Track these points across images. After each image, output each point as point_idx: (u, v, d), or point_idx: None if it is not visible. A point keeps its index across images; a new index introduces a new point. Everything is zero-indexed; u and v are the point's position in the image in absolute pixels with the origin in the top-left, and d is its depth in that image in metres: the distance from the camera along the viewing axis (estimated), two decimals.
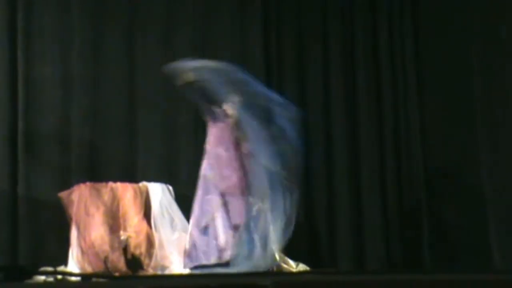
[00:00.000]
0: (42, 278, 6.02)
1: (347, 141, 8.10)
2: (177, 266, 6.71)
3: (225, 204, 6.47)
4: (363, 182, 8.02)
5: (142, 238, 6.80)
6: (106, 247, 6.72)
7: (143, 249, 6.80)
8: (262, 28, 8.09)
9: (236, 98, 6.57)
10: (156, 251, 6.78)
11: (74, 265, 6.72)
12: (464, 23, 7.62)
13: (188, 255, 6.47)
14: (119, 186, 6.94)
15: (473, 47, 7.53)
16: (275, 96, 6.76)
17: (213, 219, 6.46)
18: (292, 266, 6.66)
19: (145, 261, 6.78)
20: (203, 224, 6.46)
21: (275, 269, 6.48)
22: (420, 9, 8.22)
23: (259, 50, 8.05)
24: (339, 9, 8.29)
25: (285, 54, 8.17)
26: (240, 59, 7.96)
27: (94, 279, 6.02)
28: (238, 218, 6.44)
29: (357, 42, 8.26)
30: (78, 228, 6.76)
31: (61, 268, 6.78)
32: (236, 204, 6.46)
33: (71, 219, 6.81)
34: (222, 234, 6.40)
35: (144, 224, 6.86)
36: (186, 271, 6.52)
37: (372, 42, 8.27)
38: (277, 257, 6.47)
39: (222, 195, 6.48)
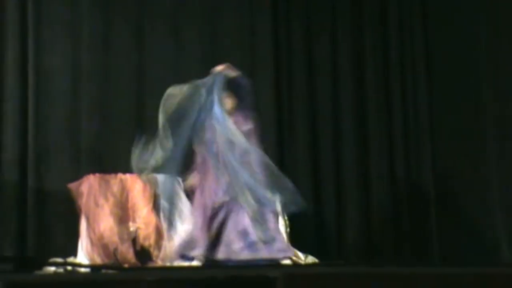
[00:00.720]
0: (51, 269, 6.01)
1: (355, 137, 8.09)
2: None
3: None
4: (371, 175, 8.02)
5: (151, 229, 6.82)
6: (115, 238, 6.74)
7: (152, 240, 6.81)
8: (271, 21, 8.09)
9: None
10: (165, 242, 6.78)
11: (83, 256, 6.74)
12: (473, 22, 7.62)
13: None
14: (128, 177, 6.95)
15: (482, 45, 7.53)
16: None
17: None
18: (301, 258, 6.67)
19: (154, 252, 6.79)
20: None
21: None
22: (429, 6, 8.18)
23: (268, 44, 8.05)
24: (348, 5, 8.27)
25: (295, 47, 8.15)
26: (248, 52, 7.98)
27: (103, 270, 6.02)
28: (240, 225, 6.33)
29: (366, 38, 8.24)
30: (88, 220, 6.78)
31: (70, 259, 6.81)
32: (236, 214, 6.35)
33: (80, 210, 6.83)
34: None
35: (153, 215, 6.87)
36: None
37: (382, 40, 8.25)
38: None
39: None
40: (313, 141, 8.02)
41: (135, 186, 6.89)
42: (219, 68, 6.33)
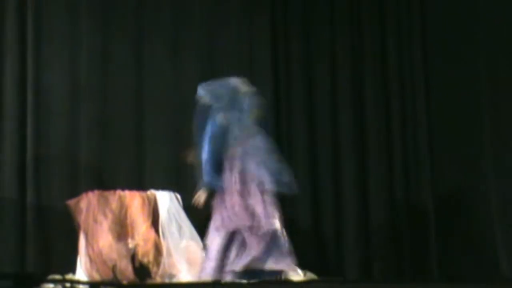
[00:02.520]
0: (50, 286, 6.03)
1: (354, 150, 8.10)
2: (184, 274, 6.71)
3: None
4: (371, 191, 8.02)
5: (150, 246, 6.80)
6: (114, 255, 6.73)
7: (151, 257, 6.80)
8: (269, 36, 8.11)
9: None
10: (164, 259, 6.78)
11: (82, 273, 6.73)
12: (472, 35, 7.65)
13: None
14: (127, 194, 6.95)
15: (481, 58, 7.55)
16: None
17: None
18: (300, 274, 6.66)
19: (153, 269, 6.78)
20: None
21: (283, 278, 6.48)
22: (428, 19, 8.22)
23: (266, 59, 8.07)
24: (347, 16, 8.29)
25: (293, 61, 8.18)
26: (247, 67, 7.99)
27: (102, 287, 6.03)
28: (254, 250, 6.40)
29: (365, 50, 8.26)
30: (86, 236, 6.77)
31: (69, 276, 6.79)
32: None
33: (79, 227, 6.82)
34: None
35: (152, 232, 6.86)
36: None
37: (380, 53, 8.28)
38: None
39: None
40: (312, 157, 8.03)
41: (134, 203, 6.88)
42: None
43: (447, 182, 7.90)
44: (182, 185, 7.47)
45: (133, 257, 6.79)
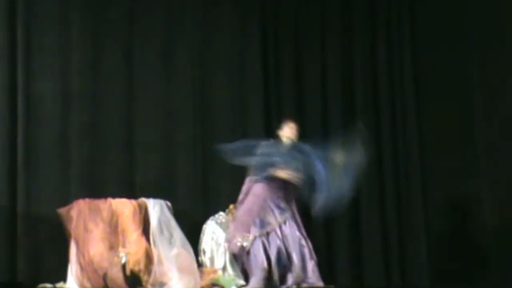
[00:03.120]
0: None
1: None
2: (175, 282, 6.70)
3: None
4: (362, 200, 8.01)
5: (141, 254, 6.79)
6: (105, 263, 6.72)
7: (142, 265, 6.78)
8: (260, 43, 8.12)
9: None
10: (155, 267, 6.76)
11: (73, 281, 6.72)
12: (463, 41, 7.67)
13: None
14: (118, 202, 6.95)
15: (472, 63, 7.58)
16: None
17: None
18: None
19: (144, 277, 6.76)
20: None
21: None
22: (418, 26, 8.24)
23: (257, 66, 8.08)
24: (337, 26, 8.31)
25: (283, 69, 8.19)
26: (238, 74, 8.01)
27: None
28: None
29: (355, 60, 8.28)
30: (77, 244, 6.76)
31: (60, 285, 6.79)
32: None
33: (70, 235, 6.81)
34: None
35: (143, 240, 6.85)
36: None
37: (371, 61, 8.30)
38: None
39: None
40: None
41: (125, 211, 6.88)
42: None
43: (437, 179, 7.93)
44: (172, 193, 7.49)
45: (124, 265, 6.78)
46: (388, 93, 8.22)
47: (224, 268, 7.13)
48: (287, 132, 6.79)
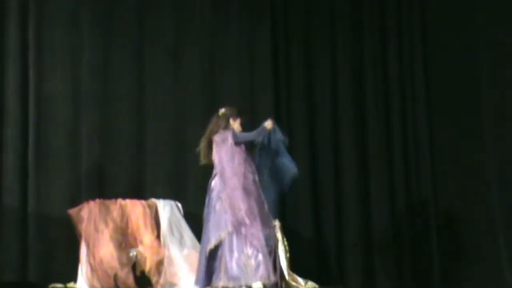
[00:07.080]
0: None
1: (356, 155, 8.10)
2: (186, 283, 6.71)
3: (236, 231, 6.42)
4: (372, 200, 8.00)
5: (151, 254, 6.81)
6: (115, 263, 6.74)
7: (152, 266, 6.80)
8: (270, 42, 8.10)
9: None
10: (165, 268, 6.78)
11: (83, 281, 6.75)
12: (473, 37, 7.65)
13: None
14: (128, 203, 6.97)
15: (483, 61, 7.56)
16: None
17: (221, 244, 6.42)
18: (301, 283, 6.65)
19: (154, 278, 6.78)
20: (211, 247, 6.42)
21: (283, 287, 6.48)
22: (429, 22, 8.21)
23: (267, 65, 8.06)
24: (348, 20, 8.29)
25: (294, 67, 8.17)
26: (248, 73, 7.99)
27: None
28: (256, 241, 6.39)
29: (365, 55, 8.26)
30: (88, 245, 6.78)
31: (70, 285, 6.82)
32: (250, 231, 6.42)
33: (80, 235, 6.84)
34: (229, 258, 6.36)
35: (153, 240, 6.86)
36: None
37: (381, 57, 8.28)
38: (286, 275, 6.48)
39: (233, 224, 6.42)
40: (313, 166, 8.02)
41: (135, 212, 6.89)
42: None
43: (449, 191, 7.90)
44: (182, 194, 7.49)
45: (134, 265, 6.80)
46: (398, 85, 8.22)
47: None
48: (238, 128, 6.76)
